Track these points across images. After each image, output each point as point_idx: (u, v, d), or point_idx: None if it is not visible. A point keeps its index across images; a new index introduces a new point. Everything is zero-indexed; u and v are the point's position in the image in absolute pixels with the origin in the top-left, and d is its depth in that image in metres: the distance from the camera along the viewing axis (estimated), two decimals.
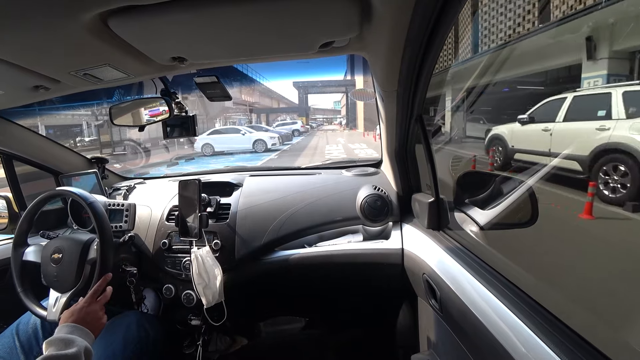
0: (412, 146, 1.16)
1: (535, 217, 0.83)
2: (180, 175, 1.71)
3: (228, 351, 1.56)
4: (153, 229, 1.32)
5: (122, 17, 0.58)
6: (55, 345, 0.73)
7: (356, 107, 23.66)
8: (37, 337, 1.01)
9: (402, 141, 1.15)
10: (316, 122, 31.58)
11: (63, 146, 1.54)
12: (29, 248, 1.09)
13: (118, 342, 0.99)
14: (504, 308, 0.64)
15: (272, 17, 0.62)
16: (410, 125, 1.06)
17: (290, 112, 30.64)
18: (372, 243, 1.20)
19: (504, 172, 4.28)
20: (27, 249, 1.09)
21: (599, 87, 4.11)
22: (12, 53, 0.68)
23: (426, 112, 1.02)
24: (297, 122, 21.07)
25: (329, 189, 1.36)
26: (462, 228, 1.01)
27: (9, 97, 0.98)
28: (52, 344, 0.73)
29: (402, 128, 1.08)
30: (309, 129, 22.64)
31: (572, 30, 5.33)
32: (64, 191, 1.08)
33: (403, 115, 1.01)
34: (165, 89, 1.11)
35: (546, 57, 6.04)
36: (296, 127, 19.65)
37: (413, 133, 1.09)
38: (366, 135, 17.01)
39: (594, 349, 0.51)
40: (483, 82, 6.42)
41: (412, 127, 1.06)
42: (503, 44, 10.24)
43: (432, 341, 1.02)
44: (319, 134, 21.54)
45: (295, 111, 29.12)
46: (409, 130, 1.08)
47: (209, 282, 1.13)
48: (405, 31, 0.63)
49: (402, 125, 1.06)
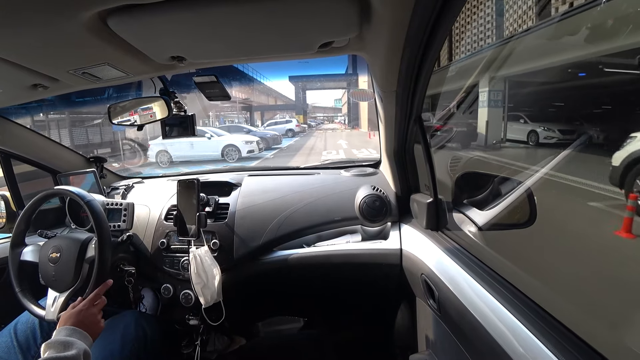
0: (411, 147, 1.16)
1: (533, 218, 0.84)
2: (178, 175, 1.71)
3: (226, 351, 1.56)
4: (151, 228, 1.32)
5: (122, 16, 0.58)
6: (54, 347, 0.73)
7: (359, 104, 21.74)
8: (35, 337, 1.01)
9: (401, 142, 1.15)
10: (315, 121, 29.66)
11: (61, 145, 1.54)
12: (27, 248, 1.09)
13: (116, 341, 0.99)
14: (502, 308, 0.64)
15: (272, 17, 0.62)
16: (409, 126, 1.06)
17: (286, 110, 28.38)
18: (371, 243, 1.20)
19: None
20: (25, 248, 1.08)
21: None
22: (10, 51, 0.68)
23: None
24: (291, 120, 18.10)
25: (327, 189, 1.36)
26: (461, 228, 1.02)
27: (7, 95, 0.98)
28: (51, 346, 0.74)
29: (401, 128, 1.08)
30: (305, 129, 20.00)
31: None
32: (61, 190, 1.08)
33: (402, 116, 1.01)
34: (164, 88, 1.10)
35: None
36: (290, 126, 17.05)
37: (412, 133, 1.10)
38: (372, 136, 14.34)
39: (592, 350, 0.51)
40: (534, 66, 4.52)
41: (411, 127, 1.06)
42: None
43: (431, 341, 1.02)
44: (317, 134, 19.49)
45: (292, 109, 26.84)
46: (408, 131, 1.09)
47: (207, 281, 1.13)
48: (405, 31, 0.63)
49: (401, 125, 1.06)
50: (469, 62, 8.27)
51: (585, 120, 3.99)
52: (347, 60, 18.68)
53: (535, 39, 5.49)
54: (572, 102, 4.37)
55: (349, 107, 26.90)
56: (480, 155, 4.57)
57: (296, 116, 21.85)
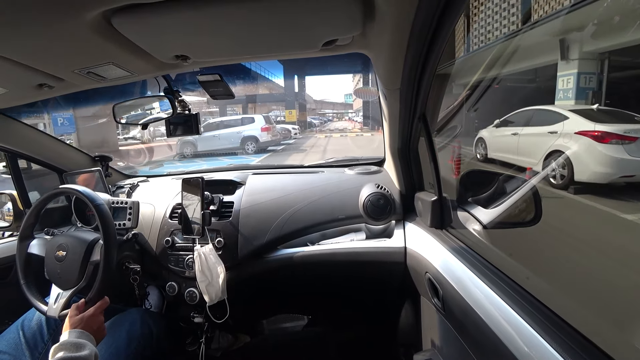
0: (415, 145, 1.16)
1: (538, 216, 0.83)
2: (183, 173, 1.72)
3: (231, 349, 1.57)
4: (156, 226, 1.33)
5: (126, 16, 0.58)
6: (67, 348, 0.77)
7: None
8: (42, 333, 1.03)
9: (405, 139, 1.14)
10: (319, 119, 24.40)
11: (67, 144, 1.55)
12: (34, 241, 1.10)
13: (122, 338, 1.00)
14: (507, 307, 0.64)
15: (275, 15, 0.62)
16: (413, 124, 1.05)
17: (274, 101, 19.63)
18: (375, 241, 1.20)
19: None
20: (33, 241, 1.10)
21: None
22: (16, 51, 0.69)
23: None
24: (253, 120, 9.77)
25: (331, 187, 1.36)
26: (465, 227, 1.01)
27: (13, 95, 0.99)
28: (64, 347, 0.77)
29: (405, 126, 1.08)
30: (290, 133, 12.45)
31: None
32: (68, 189, 1.09)
33: (406, 114, 1.01)
34: (169, 87, 1.11)
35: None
36: (250, 132, 9.25)
37: (416, 131, 1.09)
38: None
39: (598, 349, 0.50)
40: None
41: (415, 125, 1.06)
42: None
43: (435, 340, 1.02)
44: (310, 143, 12.26)
45: (279, 100, 18.62)
46: (412, 129, 1.08)
47: (211, 279, 1.14)
48: (409, 29, 0.63)
49: (405, 123, 1.06)
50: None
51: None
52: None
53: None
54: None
55: (366, 102, 19.87)
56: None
57: (287, 111, 15.70)
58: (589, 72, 4.47)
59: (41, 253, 1.07)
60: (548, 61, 5.18)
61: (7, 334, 1.02)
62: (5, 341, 1.00)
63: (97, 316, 0.92)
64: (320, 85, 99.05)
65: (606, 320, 1.27)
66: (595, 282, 1.80)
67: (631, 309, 1.43)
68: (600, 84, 4.42)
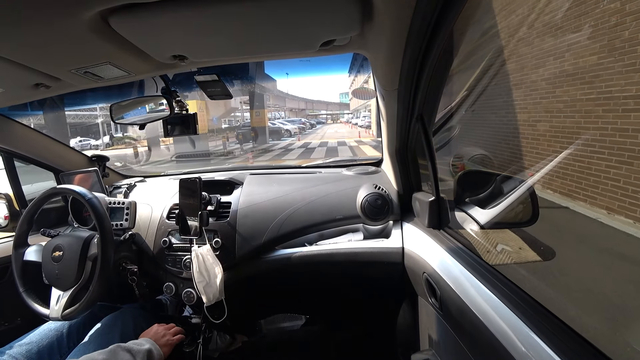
0: (413, 145, 1.16)
1: (535, 216, 0.83)
2: (180, 174, 1.71)
3: (228, 349, 1.56)
4: (154, 227, 1.32)
5: (123, 15, 0.58)
6: (130, 345, 0.89)
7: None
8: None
9: (403, 140, 1.14)
10: (309, 120, 21.89)
11: (64, 144, 1.54)
12: (30, 248, 1.09)
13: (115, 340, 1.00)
14: (504, 307, 0.64)
15: (273, 16, 0.62)
16: (411, 124, 1.06)
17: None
18: (373, 242, 1.20)
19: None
20: (28, 249, 1.09)
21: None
22: (12, 51, 0.68)
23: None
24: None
25: (329, 187, 1.36)
26: (463, 227, 1.01)
27: (9, 95, 0.98)
28: (126, 346, 0.88)
29: (403, 127, 1.08)
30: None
31: None
32: (64, 189, 1.08)
33: (404, 114, 1.01)
34: (166, 87, 1.10)
35: None
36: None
37: (414, 132, 1.09)
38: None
39: (594, 348, 0.51)
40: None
41: (413, 126, 1.06)
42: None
43: (432, 340, 1.02)
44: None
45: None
46: (410, 129, 1.08)
47: (209, 280, 1.13)
48: (407, 29, 0.63)
49: (403, 124, 1.06)
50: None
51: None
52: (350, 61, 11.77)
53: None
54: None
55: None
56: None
57: (251, 111, 11.17)
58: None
59: (37, 259, 1.06)
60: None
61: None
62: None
63: (169, 338, 1.01)
64: (310, 83, 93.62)
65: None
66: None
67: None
68: None
